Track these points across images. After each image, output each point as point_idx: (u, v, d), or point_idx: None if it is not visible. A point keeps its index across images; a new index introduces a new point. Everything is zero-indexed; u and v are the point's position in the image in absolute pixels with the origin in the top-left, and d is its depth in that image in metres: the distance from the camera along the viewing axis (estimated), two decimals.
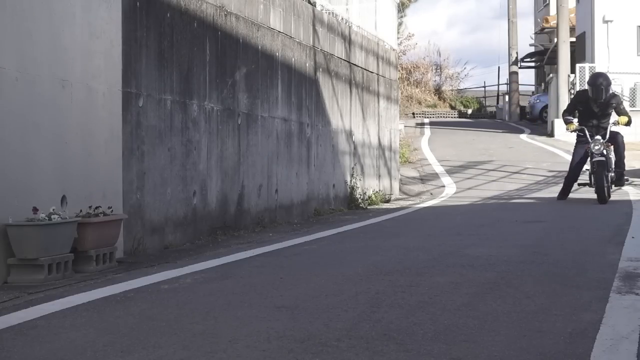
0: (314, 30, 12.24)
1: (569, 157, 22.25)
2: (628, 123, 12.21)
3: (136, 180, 7.48)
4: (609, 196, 12.00)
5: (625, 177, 12.88)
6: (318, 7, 12.52)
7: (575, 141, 12.78)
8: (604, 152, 12.01)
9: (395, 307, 4.58)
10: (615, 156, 12.35)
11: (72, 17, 6.61)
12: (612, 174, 12.28)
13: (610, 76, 13.25)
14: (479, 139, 26.77)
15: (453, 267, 5.98)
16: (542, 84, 40.29)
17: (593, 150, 12.02)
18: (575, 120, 12.82)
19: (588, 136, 12.26)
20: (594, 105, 12.31)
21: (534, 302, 4.74)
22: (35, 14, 6.19)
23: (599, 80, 12.32)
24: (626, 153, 12.91)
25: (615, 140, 12.38)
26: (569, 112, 12.72)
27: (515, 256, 6.61)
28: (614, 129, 12.56)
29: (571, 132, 12.56)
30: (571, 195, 12.94)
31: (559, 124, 26.76)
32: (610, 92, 12.35)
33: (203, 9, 8.73)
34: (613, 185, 12.55)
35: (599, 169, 11.81)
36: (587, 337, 3.86)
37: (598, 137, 12.10)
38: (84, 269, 6.34)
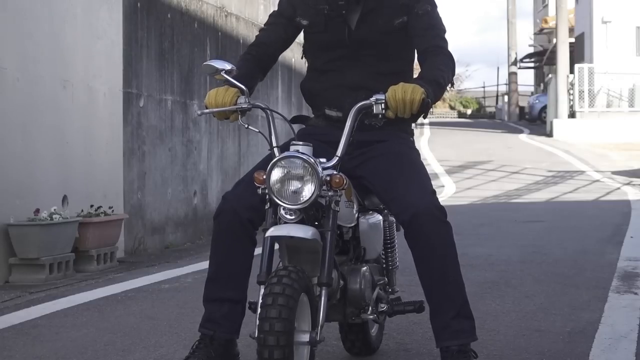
0: None
1: (569, 157, 21.66)
2: (423, 110, 2.82)
3: (137, 180, 7.50)
4: None
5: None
6: None
7: None
8: (331, 204, 2.81)
9: None
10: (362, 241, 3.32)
11: (73, 17, 6.63)
12: (370, 314, 3.22)
13: (609, 76, 7.47)
14: (478, 139, 26.74)
15: None
16: (541, 84, 40.29)
17: (277, 201, 2.77)
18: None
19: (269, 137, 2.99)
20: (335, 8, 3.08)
21: (533, 301, 4.76)
22: (37, 15, 6.20)
23: None
24: (626, 154, 11.24)
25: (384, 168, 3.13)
26: (264, 34, 3.27)
27: (514, 256, 6.63)
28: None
29: (209, 114, 3.23)
30: None
31: (558, 124, 26.75)
32: None
33: (203, 10, 8.75)
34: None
35: (278, 291, 2.61)
36: (586, 336, 3.88)
37: (297, 147, 2.82)
38: (85, 268, 6.35)
